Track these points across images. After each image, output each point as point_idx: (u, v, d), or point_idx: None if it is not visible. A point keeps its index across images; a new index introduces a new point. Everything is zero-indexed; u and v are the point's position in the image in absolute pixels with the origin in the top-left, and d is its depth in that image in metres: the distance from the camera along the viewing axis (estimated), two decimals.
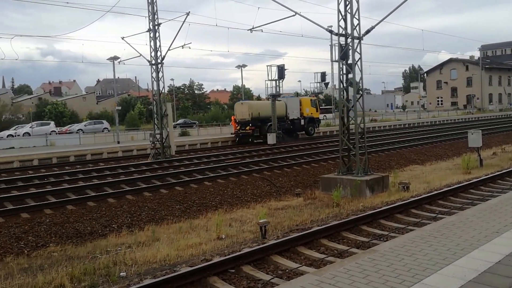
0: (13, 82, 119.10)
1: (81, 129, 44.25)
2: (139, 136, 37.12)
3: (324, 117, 61.51)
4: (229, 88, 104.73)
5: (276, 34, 28.73)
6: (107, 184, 15.13)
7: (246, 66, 46.84)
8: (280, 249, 7.37)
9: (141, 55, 23.51)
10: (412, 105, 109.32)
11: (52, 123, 47.84)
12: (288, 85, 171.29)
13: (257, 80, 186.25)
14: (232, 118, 32.03)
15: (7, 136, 40.12)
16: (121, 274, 7.29)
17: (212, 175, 16.77)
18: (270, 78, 28.14)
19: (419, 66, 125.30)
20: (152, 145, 22.68)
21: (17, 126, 47.32)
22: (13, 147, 31.02)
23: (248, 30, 18.33)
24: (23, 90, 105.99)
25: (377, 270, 4.98)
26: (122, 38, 23.09)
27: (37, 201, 12.77)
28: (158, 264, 7.77)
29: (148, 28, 22.13)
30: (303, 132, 32.97)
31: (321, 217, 10.28)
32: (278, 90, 28.39)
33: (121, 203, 12.86)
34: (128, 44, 24.84)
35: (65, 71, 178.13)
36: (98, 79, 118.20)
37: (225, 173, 17.07)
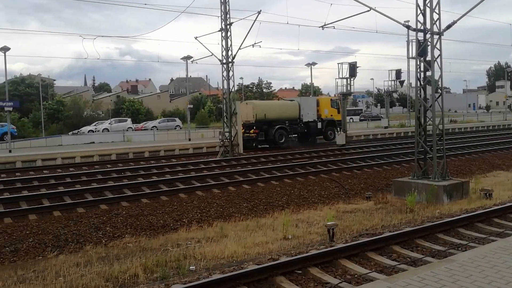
0: (94, 80, 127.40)
1: (155, 126, 46.33)
2: (208, 134, 38.13)
3: (351, 119, 56.32)
4: (298, 87, 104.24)
5: (348, 31, 28.43)
6: (179, 180, 15.63)
7: (316, 64, 46.23)
8: (348, 253, 7.16)
9: (212, 54, 24.04)
10: (497, 106, 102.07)
11: (129, 120, 50.52)
12: (360, 83, 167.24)
13: (327, 78, 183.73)
14: None
15: (88, 132, 43.00)
16: (190, 267, 7.48)
17: (279, 174, 16.75)
18: (341, 76, 27.57)
19: (506, 63, 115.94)
20: (221, 143, 23.16)
21: (97, 122, 50.54)
22: (93, 142, 33.18)
23: (319, 27, 18.06)
24: (103, 88, 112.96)
25: (454, 281, 4.67)
26: (195, 38, 23.78)
27: (115, 194, 13.51)
28: (225, 260, 7.88)
29: (220, 27, 22.59)
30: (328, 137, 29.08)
31: (393, 222, 9.88)
32: (349, 88, 27.71)
33: (192, 198, 13.24)
34: (201, 43, 25.62)
35: (141, 70, 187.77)
36: (172, 78, 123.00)
37: (292, 173, 16.98)
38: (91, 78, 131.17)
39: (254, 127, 26.02)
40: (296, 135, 27.95)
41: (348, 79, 27.59)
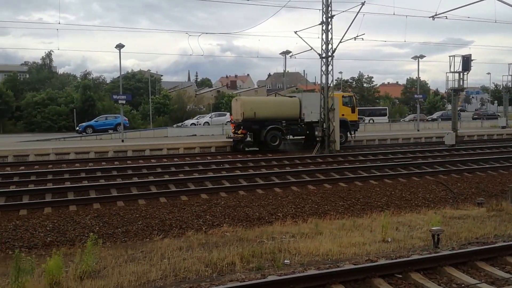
0: (197, 76, 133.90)
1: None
2: None
3: (371, 121, 51.00)
4: (402, 81, 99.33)
5: (462, 21, 25.90)
6: (274, 174, 15.86)
7: (424, 56, 43.11)
8: (455, 261, 6.69)
9: (312, 48, 23.82)
10: None
11: (228, 114, 52.33)
12: (474, 77, 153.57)
13: (435, 72, 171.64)
14: (231, 118, 27.03)
15: (191, 125, 45.37)
16: (285, 261, 7.55)
17: (379, 174, 16.20)
18: (452, 70, 25.60)
19: None
20: (317, 139, 22.96)
21: (199, 116, 53.11)
22: (195, 135, 34.95)
23: (430, 17, 17.02)
24: (205, 83, 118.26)
25: None
26: (295, 32, 23.78)
27: (214, 184, 14.14)
28: (320, 257, 7.82)
29: (320, 20, 22.28)
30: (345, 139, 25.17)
31: (508, 232, 9.03)
32: (461, 83, 25.63)
33: (287, 193, 13.36)
34: (300, 38, 25.59)
35: (240, 66, 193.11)
36: (269, 73, 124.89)
37: (393, 173, 16.33)
38: (194, 73, 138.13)
39: (242, 127, 22.83)
40: (296, 136, 24.55)
41: (461, 74, 25.57)
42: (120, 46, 28.05)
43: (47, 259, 6.51)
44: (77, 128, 39.31)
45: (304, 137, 24.78)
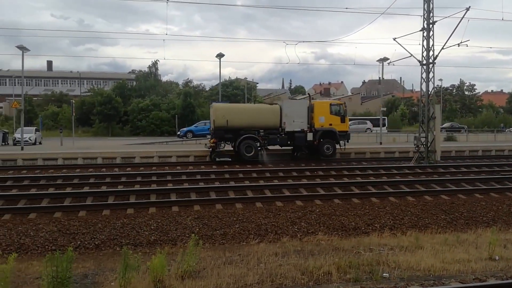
0: (290, 83, 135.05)
1: None
2: (401, 138, 36.46)
3: (368, 130, 46.86)
4: (507, 89, 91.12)
5: None
6: (370, 183, 15.40)
7: None
8: None
9: (411, 55, 22.87)
10: None
11: None
12: None
13: None
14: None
15: None
16: (384, 274, 7.27)
17: (484, 187, 15.02)
18: None
19: None
20: (416, 148, 21.88)
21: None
22: None
23: None
24: (298, 90, 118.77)
25: None
26: (394, 39, 22.96)
27: (309, 192, 14.10)
28: (421, 272, 7.42)
29: (421, 27, 21.41)
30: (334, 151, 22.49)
31: None
32: None
33: (384, 204, 12.88)
34: (399, 44, 24.68)
35: (334, 73, 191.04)
36: (364, 80, 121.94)
37: (499, 186, 15.03)
38: (288, 81, 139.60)
39: (213, 136, 21.61)
40: (283, 146, 22.46)
41: None
42: (220, 56, 29.31)
43: (152, 257, 6.90)
44: (178, 132, 41.70)
45: (292, 147, 22.81)
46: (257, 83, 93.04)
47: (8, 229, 10.42)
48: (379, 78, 40.37)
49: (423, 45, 21.49)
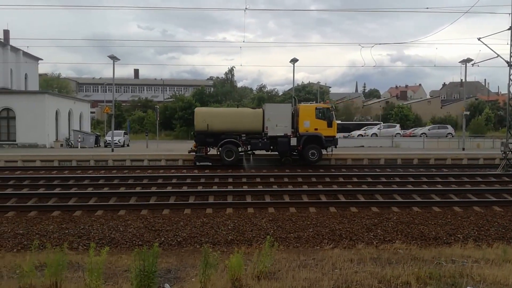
0: (364, 87, 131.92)
1: (425, 133, 44.55)
2: (486, 144, 34.23)
3: (363, 134, 43.73)
4: None
5: None
6: (452, 192, 14.66)
7: None
8: None
9: (498, 55, 21.45)
10: None
11: (398, 125, 50.16)
12: None
13: None
14: None
15: (358, 136, 44.84)
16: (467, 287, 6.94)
17: None
18: None
19: None
20: (503, 155, 20.44)
21: (366, 127, 52.19)
22: (363, 146, 34.44)
23: None
24: (373, 94, 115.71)
25: None
26: (478, 39, 21.71)
27: (385, 198, 13.76)
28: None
29: (510, 26, 20.03)
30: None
31: None
32: None
33: (468, 213, 12.23)
34: (485, 44, 23.24)
35: (411, 75, 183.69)
36: (444, 83, 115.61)
37: None
38: (361, 84, 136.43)
39: (194, 140, 21.48)
40: (265, 151, 21.67)
41: None
42: (294, 61, 29.48)
43: (230, 256, 7.16)
44: None
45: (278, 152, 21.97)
46: (330, 87, 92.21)
47: (101, 224, 11.36)
48: (461, 80, 38.17)
49: (511, 45, 20.09)
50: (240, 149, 21.07)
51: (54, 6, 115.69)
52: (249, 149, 21.23)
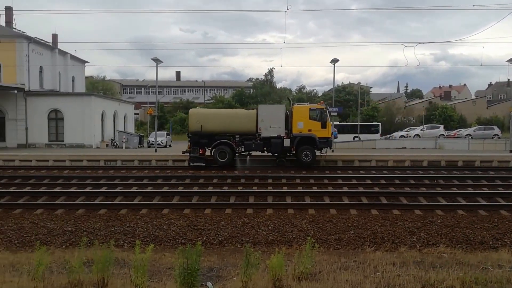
0: (406, 87, 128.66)
1: (470, 134, 43.04)
2: None
3: (405, 135, 42.29)
4: None
5: None
6: (499, 195, 14.11)
7: None
8: None
9: None
10: None
11: (442, 126, 48.71)
12: None
13: None
14: None
15: (400, 137, 43.90)
16: None
17: None
18: None
19: None
20: None
21: (408, 128, 51.00)
22: (405, 147, 33.67)
23: None
24: (415, 94, 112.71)
25: None
26: None
27: (429, 201, 13.43)
28: None
29: None
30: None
31: None
32: None
33: None
34: None
35: (455, 75, 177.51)
36: (490, 83, 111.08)
37: None
38: (403, 84, 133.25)
39: (188, 141, 21.45)
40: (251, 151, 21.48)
41: None
42: (334, 61, 29.26)
43: (271, 257, 7.22)
44: None
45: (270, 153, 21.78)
46: (371, 87, 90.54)
47: (145, 223, 11.73)
48: (508, 79, 36.60)
49: None
50: (232, 150, 21.04)
51: (100, 10, 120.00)
52: (242, 150, 21.30)
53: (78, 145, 34.61)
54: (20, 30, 39.58)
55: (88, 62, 50.95)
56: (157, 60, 29.54)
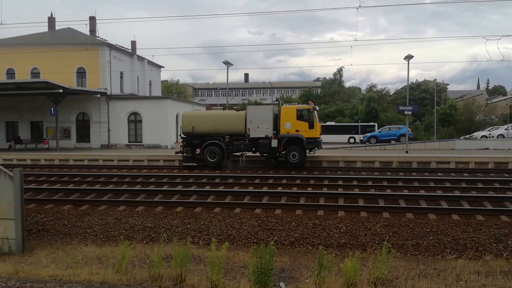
0: (488, 83, 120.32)
1: None
2: None
3: (487, 135, 38.49)
4: None
5: None
6: None
7: None
8: None
9: None
10: None
11: None
12: None
13: None
14: None
15: (481, 137, 41.13)
16: None
17: None
18: None
19: None
20: None
21: (491, 127, 47.64)
22: (488, 148, 31.49)
23: None
24: (498, 91, 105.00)
25: None
26: None
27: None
28: None
29: None
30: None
31: None
32: None
33: None
34: None
35: None
36: None
37: None
38: (484, 81, 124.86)
39: (182, 141, 22.28)
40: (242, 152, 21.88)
41: None
42: (409, 57, 28.05)
43: (345, 260, 7.07)
44: (362, 138, 41.38)
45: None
46: (448, 84, 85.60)
47: (219, 221, 12.03)
48: None
49: None
50: (221, 150, 21.28)
51: (174, 17, 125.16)
52: (231, 150, 21.58)
53: (155, 145, 36.26)
54: (102, 38, 42.34)
55: (164, 67, 53.29)
56: (227, 63, 30.21)
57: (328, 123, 47.21)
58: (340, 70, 75.39)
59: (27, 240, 10.79)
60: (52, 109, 29.93)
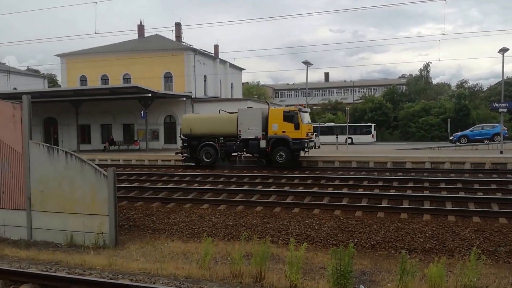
0: None
1: None
2: None
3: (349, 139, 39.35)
4: None
5: None
6: None
7: None
8: None
9: None
10: None
11: None
12: None
13: None
14: None
15: None
16: None
17: None
18: None
19: None
20: None
21: None
22: None
23: None
24: None
25: None
26: None
27: None
28: None
29: None
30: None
31: None
32: None
33: None
34: None
35: None
36: None
37: None
38: None
39: (182, 143, 24.14)
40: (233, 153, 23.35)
41: None
42: (504, 50, 25.94)
43: (430, 265, 6.79)
44: (451, 138, 39.04)
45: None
46: None
47: (297, 221, 12.12)
48: None
49: None
50: (216, 151, 22.87)
51: (255, 19, 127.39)
52: (225, 151, 22.88)
53: None
54: (187, 43, 44.42)
55: (245, 69, 54.58)
56: (307, 63, 30.16)
57: (327, 124, 48.37)
58: (427, 66, 71.60)
59: (119, 235, 11.65)
60: (142, 112, 32.04)
